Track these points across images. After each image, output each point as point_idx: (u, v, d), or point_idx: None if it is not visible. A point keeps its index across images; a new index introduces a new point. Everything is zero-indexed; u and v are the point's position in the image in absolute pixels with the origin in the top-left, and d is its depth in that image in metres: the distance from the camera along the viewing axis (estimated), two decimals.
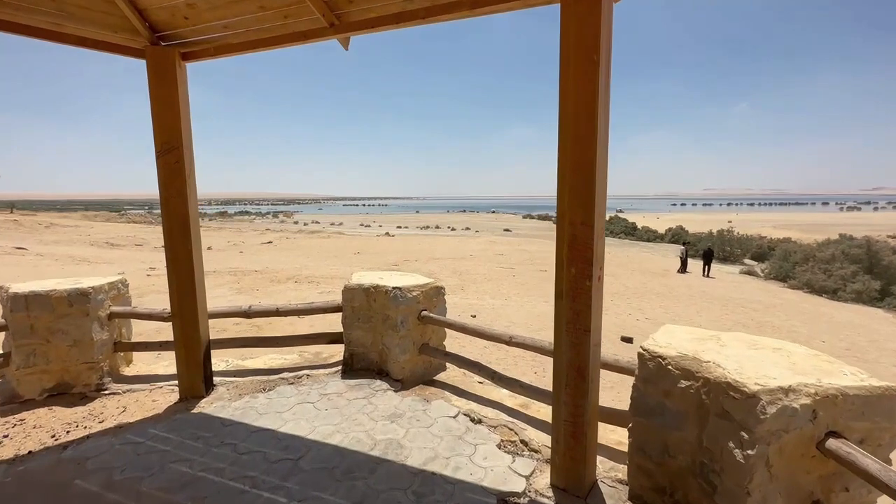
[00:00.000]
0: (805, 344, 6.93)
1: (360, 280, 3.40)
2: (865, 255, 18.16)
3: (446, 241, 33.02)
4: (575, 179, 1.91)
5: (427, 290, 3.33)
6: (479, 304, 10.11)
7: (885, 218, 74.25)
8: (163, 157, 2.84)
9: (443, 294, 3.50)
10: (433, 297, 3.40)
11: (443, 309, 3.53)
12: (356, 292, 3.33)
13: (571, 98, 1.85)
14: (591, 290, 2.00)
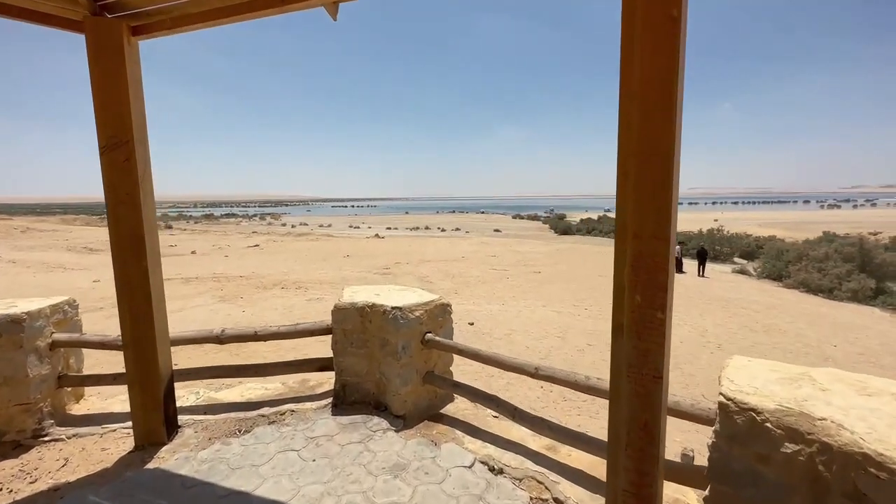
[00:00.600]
0: (816, 349, 6.58)
1: (352, 297, 2.90)
2: (858, 253, 18.15)
3: (437, 242, 32.52)
4: (642, 176, 1.44)
5: (431, 308, 2.84)
6: (475, 311, 9.64)
7: (864, 215, 75.74)
8: (108, 154, 2.31)
9: (449, 312, 3.02)
10: (438, 316, 2.91)
11: (449, 329, 3.05)
12: (348, 313, 2.83)
13: (638, 69, 1.39)
14: (664, 325, 1.54)
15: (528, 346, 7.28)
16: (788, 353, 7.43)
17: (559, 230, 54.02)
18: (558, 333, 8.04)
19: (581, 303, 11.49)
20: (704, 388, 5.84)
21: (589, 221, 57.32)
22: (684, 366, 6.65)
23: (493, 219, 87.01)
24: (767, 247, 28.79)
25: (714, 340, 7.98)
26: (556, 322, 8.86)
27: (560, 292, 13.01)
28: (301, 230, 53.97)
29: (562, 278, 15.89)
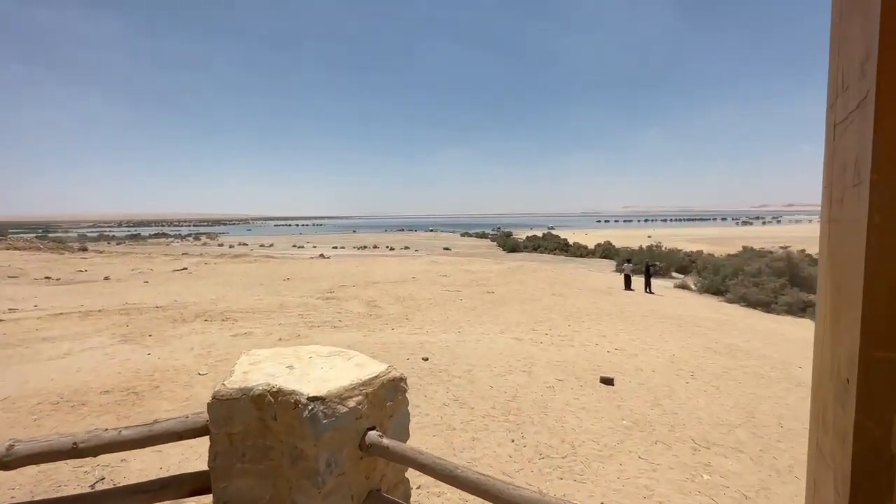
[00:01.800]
0: (783, 371, 6.12)
1: (246, 377, 1.81)
2: (787, 267, 19.27)
3: (386, 262, 31.20)
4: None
5: (376, 389, 1.82)
6: (430, 342, 8.61)
7: (772, 231, 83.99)
8: None
9: (403, 390, 2.00)
10: (387, 399, 1.89)
11: (404, 418, 2.02)
12: (237, 406, 1.74)
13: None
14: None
15: (493, 386, 6.35)
16: (762, 379, 7.09)
17: (507, 248, 54.52)
18: (523, 367, 7.20)
19: (539, 326, 10.83)
20: (693, 432, 5.19)
21: (535, 239, 58.44)
22: (664, 401, 6.02)
23: (442, 237, 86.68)
24: (699, 261, 30.34)
25: (685, 367, 7.51)
26: (518, 352, 8.04)
27: (517, 315, 12.31)
28: (239, 251, 50.33)
29: (516, 298, 15.29)
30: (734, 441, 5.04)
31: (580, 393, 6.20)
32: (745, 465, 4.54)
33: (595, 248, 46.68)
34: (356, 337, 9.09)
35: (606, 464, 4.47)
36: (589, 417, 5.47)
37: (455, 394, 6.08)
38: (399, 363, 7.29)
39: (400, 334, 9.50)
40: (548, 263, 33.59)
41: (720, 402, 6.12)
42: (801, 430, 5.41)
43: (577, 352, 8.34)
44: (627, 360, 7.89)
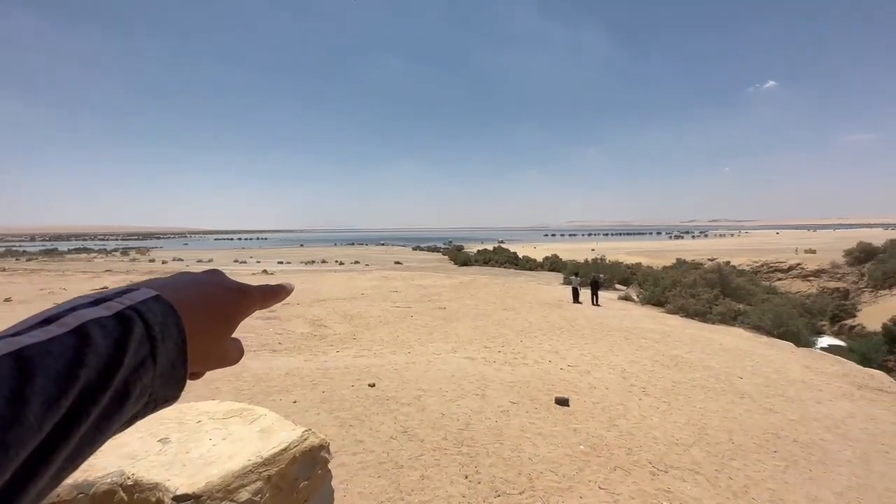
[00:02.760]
0: (726, 382, 6.17)
1: (90, 462, 1.29)
2: (718, 279, 20.53)
3: (334, 277, 29.96)
4: None
5: (284, 469, 1.34)
6: (378, 366, 8.04)
7: (700, 244, 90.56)
8: None
9: (324, 462, 1.54)
10: (300, 478, 1.42)
11: (326, 498, 1.55)
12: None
13: None
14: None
15: (444, 413, 5.92)
16: (709, 392, 7.19)
17: (459, 262, 54.63)
18: (476, 390, 6.84)
19: (492, 343, 10.57)
20: (650, 454, 5.03)
21: (486, 252, 59.06)
22: (620, 421, 5.86)
23: (393, 251, 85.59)
24: (640, 273, 31.87)
25: (637, 383, 7.48)
26: (471, 374, 7.68)
27: (469, 331, 12.00)
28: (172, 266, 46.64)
29: (468, 314, 15.02)
30: (690, 462, 4.93)
31: (536, 416, 5.91)
32: (703, 489, 4.40)
33: (543, 261, 47.87)
34: (296, 363, 8.33)
35: (566, 497, 4.16)
36: (545, 444, 5.17)
37: (403, 424, 5.58)
38: (343, 391, 6.68)
39: (346, 357, 8.84)
40: (499, 277, 33.80)
41: (673, 419, 6.07)
42: (751, 445, 5.43)
43: (531, 370, 8.11)
44: (581, 377, 7.76)
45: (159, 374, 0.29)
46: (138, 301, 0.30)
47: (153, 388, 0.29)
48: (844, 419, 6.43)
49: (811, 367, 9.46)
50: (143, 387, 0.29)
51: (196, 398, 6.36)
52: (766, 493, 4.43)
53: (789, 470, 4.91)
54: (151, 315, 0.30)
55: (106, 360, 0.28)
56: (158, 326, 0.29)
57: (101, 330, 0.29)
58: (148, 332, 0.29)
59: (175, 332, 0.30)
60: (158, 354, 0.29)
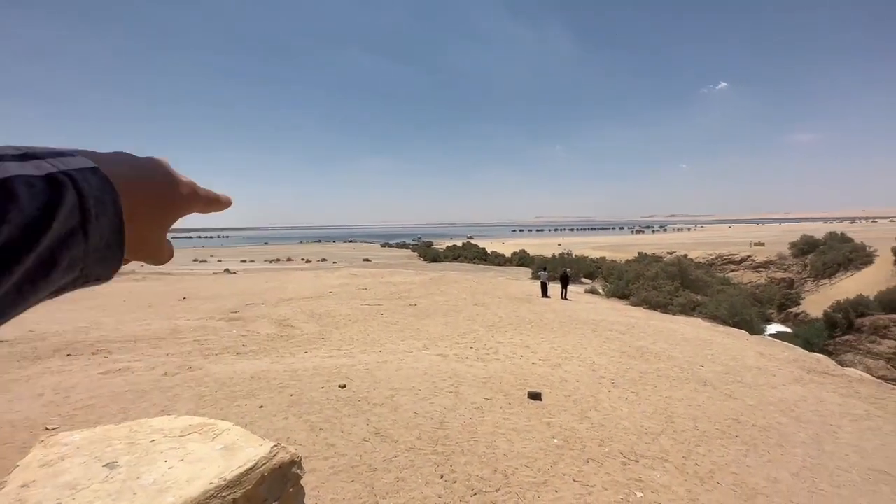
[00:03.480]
0: (689, 371, 6.41)
1: (23, 495, 1.12)
2: (678, 272, 21.42)
3: (301, 276, 29.20)
4: None
5: (251, 490, 1.21)
6: (348, 366, 7.85)
7: (660, 238, 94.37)
8: None
9: (295, 479, 1.42)
10: (269, 499, 1.30)
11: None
12: None
13: None
14: None
15: (418, 412, 5.83)
16: (674, 381, 7.45)
17: (428, 258, 54.56)
18: (450, 387, 6.78)
19: (464, 339, 10.56)
20: (621, 444, 5.14)
21: (455, 248, 59.29)
22: (591, 413, 5.97)
23: (361, 248, 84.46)
24: (605, 267, 32.87)
25: (606, 375, 7.65)
26: (443, 371, 7.62)
27: (440, 328, 11.96)
28: (124, 267, 43.94)
29: (439, 311, 14.97)
30: (659, 450, 5.07)
31: (510, 412, 5.93)
32: (672, 476, 4.53)
33: (512, 256, 48.54)
34: (262, 365, 8.01)
35: (541, 492, 4.18)
36: (520, 439, 5.18)
37: (376, 425, 5.45)
38: (312, 393, 6.47)
39: (314, 358, 8.58)
40: (469, 273, 33.96)
41: (641, 409, 6.24)
42: (715, 431, 5.65)
43: (504, 365, 8.15)
44: (552, 371, 7.86)
45: (92, 250, 0.27)
46: (74, 168, 0.26)
47: (85, 264, 0.27)
48: (797, 402, 6.81)
49: (765, 354, 10.00)
50: (72, 258, 0.26)
51: (153, 407, 5.99)
52: (730, 476, 4.61)
53: (750, 454, 5.14)
54: (87, 186, 0.26)
55: (30, 221, 0.25)
56: (93, 200, 0.26)
57: (27, 189, 0.25)
58: (81, 204, 0.26)
59: (112, 210, 0.28)
60: (91, 230, 0.26)
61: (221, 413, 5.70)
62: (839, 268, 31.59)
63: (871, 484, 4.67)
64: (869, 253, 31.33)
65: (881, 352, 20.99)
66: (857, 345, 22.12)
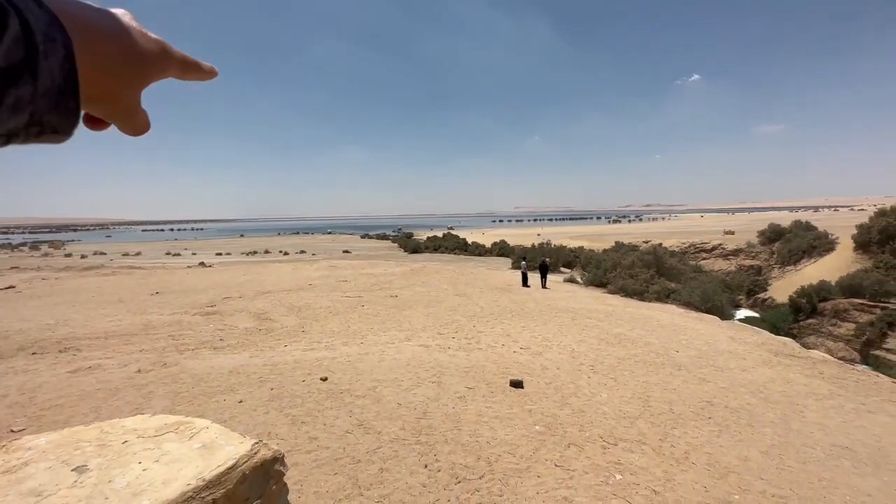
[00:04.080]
0: (665, 356, 6.61)
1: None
2: (654, 260, 21.94)
3: (279, 268, 28.66)
4: None
5: (232, 490, 1.17)
6: (329, 358, 7.77)
7: (636, 227, 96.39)
8: None
9: (278, 476, 1.38)
10: (251, 498, 1.25)
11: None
12: None
13: None
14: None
15: (401, 403, 5.83)
16: (650, 366, 7.65)
17: (409, 249, 54.35)
18: (432, 377, 6.80)
19: (445, 329, 10.59)
20: (601, 429, 5.26)
21: (435, 239, 59.19)
22: (571, 400, 6.08)
23: (341, 239, 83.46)
24: (583, 256, 33.43)
25: (585, 362, 7.80)
26: (426, 361, 7.63)
27: (422, 319, 11.95)
28: (92, 261, 42.31)
29: (420, 301, 14.95)
30: (637, 433, 5.21)
31: (492, 400, 5.98)
32: (649, 458, 4.67)
33: (492, 246, 48.79)
34: (240, 360, 7.85)
35: (524, 478, 4.24)
36: (503, 427, 5.24)
37: (359, 417, 5.43)
38: (293, 387, 6.38)
39: (294, 351, 8.46)
40: (449, 263, 34.01)
41: (619, 394, 6.39)
42: (689, 413, 5.84)
43: (486, 354, 8.21)
44: (533, 359, 7.97)
45: (42, 92, 0.24)
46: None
47: (35, 108, 0.25)
48: (766, 384, 7.10)
49: (735, 338, 10.38)
50: (18, 98, 0.24)
51: (126, 406, 5.80)
52: (704, 456, 4.78)
53: (722, 434, 5.34)
54: (33, 18, 0.23)
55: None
56: (41, 36, 0.24)
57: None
58: (26, 37, 0.23)
59: (62, 52, 0.25)
60: (40, 69, 0.24)
61: (199, 410, 5.57)
62: (804, 255, 32.97)
63: (834, 459, 4.92)
64: (831, 240, 32.76)
65: (841, 334, 22.10)
66: (819, 328, 23.21)
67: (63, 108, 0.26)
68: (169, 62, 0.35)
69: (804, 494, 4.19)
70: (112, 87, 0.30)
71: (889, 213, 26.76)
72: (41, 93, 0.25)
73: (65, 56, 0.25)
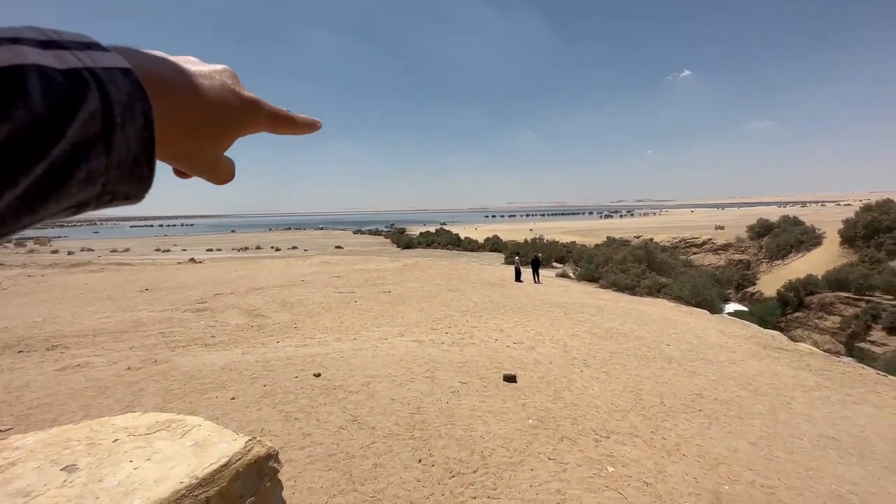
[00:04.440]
0: (656, 350, 6.68)
1: None
2: (645, 255, 22.13)
3: (271, 264, 28.45)
4: None
5: (225, 487, 1.15)
6: (322, 354, 7.74)
7: (627, 222, 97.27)
8: None
9: (272, 473, 1.37)
10: (244, 496, 1.24)
11: None
12: None
13: None
14: None
15: (394, 398, 5.83)
16: (642, 360, 7.73)
17: (402, 244, 54.24)
18: (426, 373, 6.81)
19: (439, 325, 10.60)
20: (593, 422, 5.31)
21: (428, 234, 59.11)
22: (564, 394, 6.13)
23: (333, 235, 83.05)
24: (575, 251, 33.62)
25: (577, 356, 7.86)
26: (419, 357, 7.63)
27: (415, 314, 11.95)
28: (79, 258, 41.63)
29: (413, 297, 14.95)
30: (629, 426, 5.27)
31: (486, 395, 6.01)
32: (641, 450, 4.73)
33: (485, 242, 48.84)
34: (232, 356, 7.79)
35: (518, 471, 4.27)
36: (496, 421, 5.27)
37: (353, 413, 5.42)
38: (286, 383, 6.36)
39: (287, 347, 8.42)
40: (442, 259, 34.01)
41: (612, 387, 6.45)
42: (680, 406, 5.92)
43: (479, 349, 8.24)
44: (526, 353, 8.01)
45: (115, 164, 0.24)
46: (101, 66, 0.23)
47: (107, 180, 0.24)
48: (755, 377, 7.21)
49: (725, 332, 10.52)
50: (90, 172, 0.23)
51: (116, 404, 5.73)
52: (695, 448, 4.85)
53: (712, 426, 5.42)
54: (114, 90, 0.23)
55: (40, 122, 0.21)
56: (120, 108, 0.23)
57: (40, 83, 0.21)
58: (105, 110, 0.22)
59: (141, 121, 0.24)
60: (115, 141, 0.23)
61: (191, 407, 5.53)
62: (791, 249, 33.48)
63: (821, 449, 5.02)
64: (818, 235, 33.29)
65: (827, 327, 22.52)
66: (805, 321, 23.62)
67: (136, 176, 0.26)
68: (257, 121, 0.35)
69: (791, 484, 4.27)
70: (192, 148, 0.30)
71: (874, 209, 27.25)
72: (115, 164, 0.24)
73: (144, 124, 0.25)
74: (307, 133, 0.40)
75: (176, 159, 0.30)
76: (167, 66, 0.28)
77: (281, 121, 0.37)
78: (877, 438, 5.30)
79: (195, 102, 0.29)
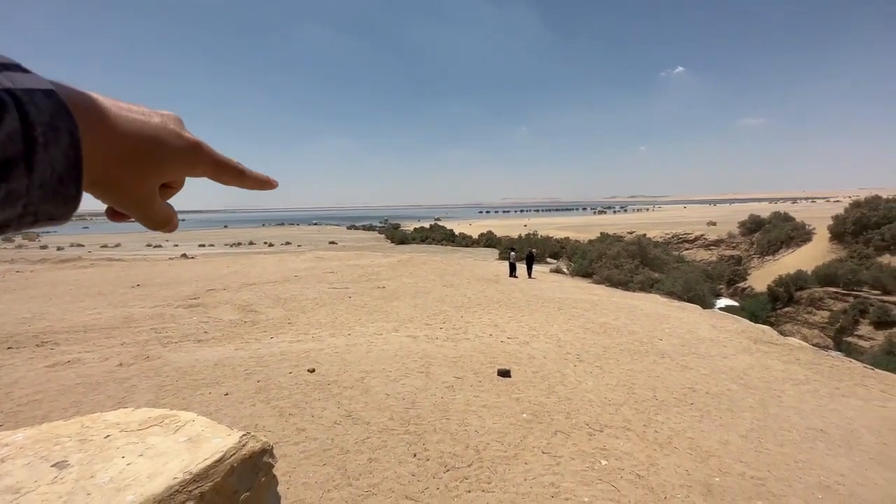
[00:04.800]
0: (650, 345, 6.74)
1: None
2: (638, 251, 22.28)
3: (264, 260, 28.27)
4: None
5: (220, 483, 1.15)
6: (317, 350, 7.72)
7: (621, 218, 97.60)
8: None
9: (267, 468, 1.36)
10: (239, 491, 1.24)
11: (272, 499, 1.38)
12: None
13: None
14: None
15: (389, 393, 5.83)
16: (634, 354, 7.80)
17: (396, 240, 54.14)
18: (420, 368, 6.81)
19: (433, 320, 10.60)
20: (587, 416, 5.35)
21: (423, 230, 59.04)
22: (558, 388, 6.16)
23: (327, 230, 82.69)
24: (569, 247, 33.77)
25: (571, 351, 7.91)
26: (414, 352, 7.64)
27: (409, 310, 11.94)
28: (69, 253, 41.08)
29: (408, 292, 14.93)
30: (622, 420, 5.32)
31: (480, 389, 6.03)
32: (634, 444, 4.78)
33: (479, 237, 48.89)
34: (225, 352, 7.75)
35: (512, 465, 4.30)
36: (491, 415, 5.30)
37: (347, 408, 5.42)
38: (280, 379, 6.33)
39: (281, 343, 8.39)
40: (437, 254, 33.99)
41: (605, 381, 6.51)
42: (672, 400, 5.98)
43: (473, 345, 8.26)
44: (520, 348, 8.04)
45: (38, 185, 0.24)
46: (20, 87, 0.23)
47: (30, 200, 0.24)
48: (745, 370, 7.31)
49: (716, 326, 10.63)
50: (10, 192, 0.23)
51: (107, 400, 5.68)
52: (686, 441, 4.91)
53: (704, 419, 5.48)
54: (34, 110, 0.23)
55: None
56: (42, 128, 0.23)
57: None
58: (24, 130, 0.23)
59: (67, 140, 0.25)
60: (37, 162, 0.23)
61: (184, 403, 5.49)
62: (782, 245, 33.86)
63: (810, 441, 5.10)
64: (808, 231, 33.68)
65: (816, 321, 22.84)
66: (795, 316, 23.94)
67: (62, 196, 0.25)
68: (198, 163, 0.34)
69: (781, 475, 4.34)
70: (119, 175, 0.30)
71: (863, 205, 27.59)
72: (37, 185, 0.24)
73: (70, 143, 0.25)
74: (259, 189, 0.40)
75: (101, 187, 0.30)
76: (96, 98, 0.28)
77: (226, 170, 0.36)
78: (864, 430, 5.40)
79: (123, 131, 0.29)
